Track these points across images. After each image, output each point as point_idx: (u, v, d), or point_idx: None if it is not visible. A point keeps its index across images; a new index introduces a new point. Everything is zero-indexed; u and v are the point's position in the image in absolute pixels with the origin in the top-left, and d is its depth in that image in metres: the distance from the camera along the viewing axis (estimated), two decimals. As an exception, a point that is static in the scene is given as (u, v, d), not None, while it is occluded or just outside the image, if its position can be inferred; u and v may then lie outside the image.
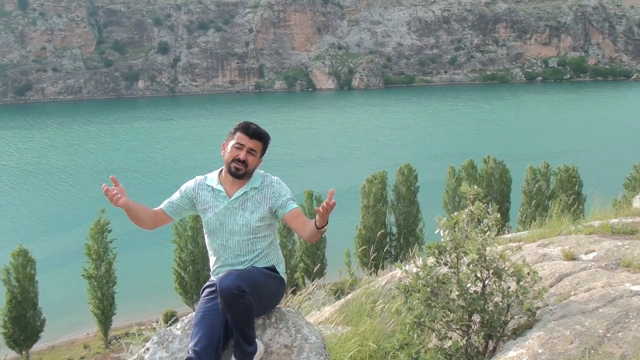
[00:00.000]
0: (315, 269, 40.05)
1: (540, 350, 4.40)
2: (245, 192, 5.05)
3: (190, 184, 5.23)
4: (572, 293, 5.38)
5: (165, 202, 5.24)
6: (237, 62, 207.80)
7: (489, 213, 5.24)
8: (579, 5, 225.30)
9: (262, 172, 5.20)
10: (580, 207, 20.07)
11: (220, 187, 5.09)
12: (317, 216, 4.75)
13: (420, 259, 5.38)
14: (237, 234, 5.02)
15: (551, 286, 5.68)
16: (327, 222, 4.75)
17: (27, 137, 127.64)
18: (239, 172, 4.98)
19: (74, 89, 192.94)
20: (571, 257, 6.35)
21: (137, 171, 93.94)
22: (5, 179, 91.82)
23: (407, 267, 5.58)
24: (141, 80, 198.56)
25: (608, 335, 4.41)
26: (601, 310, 4.79)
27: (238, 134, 5.04)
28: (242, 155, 4.97)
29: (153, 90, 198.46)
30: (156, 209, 5.22)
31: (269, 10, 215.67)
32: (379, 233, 42.79)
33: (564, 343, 4.41)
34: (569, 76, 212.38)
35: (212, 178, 5.17)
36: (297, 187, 50.96)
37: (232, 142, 5.04)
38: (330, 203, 4.58)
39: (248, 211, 5.03)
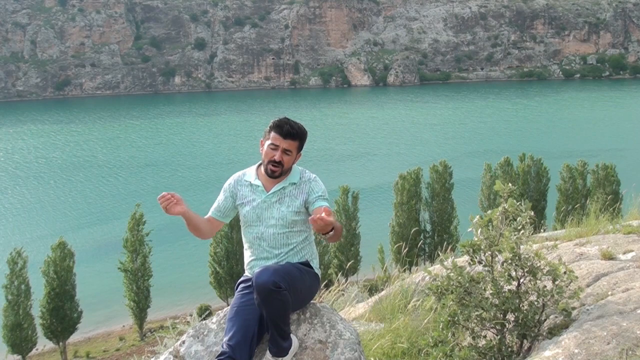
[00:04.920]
0: (349, 265, 40.03)
1: (576, 351, 4.36)
2: (283, 187, 5.06)
3: (230, 181, 5.27)
4: (609, 293, 5.32)
5: (212, 209, 5.27)
6: (273, 58, 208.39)
7: (522, 211, 5.18)
8: (618, 1, 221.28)
9: (300, 168, 5.21)
10: (619, 206, 19.76)
11: (258, 182, 5.10)
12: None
13: (449, 260, 5.34)
14: (274, 227, 5.03)
15: (588, 286, 5.63)
16: (332, 229, 4.57)
17: (68, 132, 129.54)
18: (275, 174, 4.99)
19: (112, 85, 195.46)
20: (609, 257, 6.27)
21: (179, 165, 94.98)
22: (49, 172, 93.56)
23: (435, 269, 5.56)
24: (178, 76, 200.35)
25: (646, 336, 4.36)
26: (639, 311, 4.73)
27: (272, 133, 5.01)
28: (277, 156, 4.95)
29: (189, 86, 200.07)
30: (206, 217, 5.27)
31: (305, 6, 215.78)
32: (413, 230, 42.58)
33: (600, 344, 4.37)
34: (608, 73, 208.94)
35: (250, 174, 5.19)
36: (333, 182, 51.08)
37: (267, 142, 5.03)
38: (315, 218, 4.40)
39: (285, 205, 5.03)
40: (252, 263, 5.15)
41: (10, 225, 67.45)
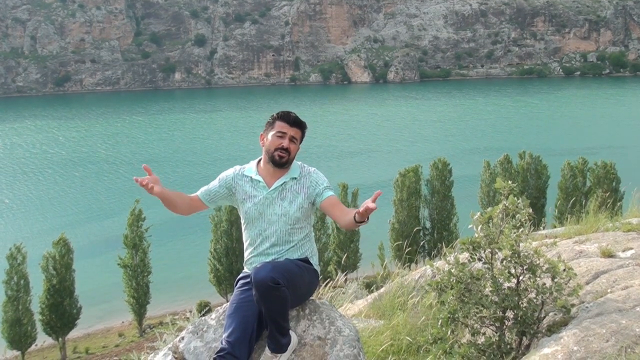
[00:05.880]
0: (344, 258, 40.03)
1: (575, 348, 4.36)
2: (284, 182, 5.04)
3: (229, 172, 5.23)
4: (608, 291, 5.32)
5: (202, 189, 5.23)
6: (273, 55, 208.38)
7: (520, 208, 5.18)
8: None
9: (299, 163, 5.20)
10: (619, 203, 19.77)
11: (259, 178, 5.08)
12: (358, 212, 4.69)
13: (452, 255, 5.34)
14: (276, 223, 5.01)
15: (587, 283, 5.62)
16: (368, 219, 4.72)
17: (69, 127, 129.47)
18: (283, 159, 4.98)
19: (112, 81, 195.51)
20: (608, 255, 6.27)
21: (179, 161, 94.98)
22: (50, 167, 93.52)
23: (438, 264, 5.56)
24: (178, 72, 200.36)
25: (645, 334, 4.35)
26: (638, 309, 4.73)
27: (278, 122, 5.03)
28: (285, 143, 4.96)
29: (189, 82, 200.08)
30: (192, 195, 5.23)
31: (305, 3, 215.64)
32: (415, 230, 42.61)
33: (599, 341, 4.37)
34: (608, 71, 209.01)
35: (250, 169, 5.16)
36: (333, 178, 50.87)
37: (272, 132, 5.03)
38: (371, 207, 4.52)
39: (287, 201, 5.02)
40: (251, 259, 5.12)
41: (9, 221, 67.47)
